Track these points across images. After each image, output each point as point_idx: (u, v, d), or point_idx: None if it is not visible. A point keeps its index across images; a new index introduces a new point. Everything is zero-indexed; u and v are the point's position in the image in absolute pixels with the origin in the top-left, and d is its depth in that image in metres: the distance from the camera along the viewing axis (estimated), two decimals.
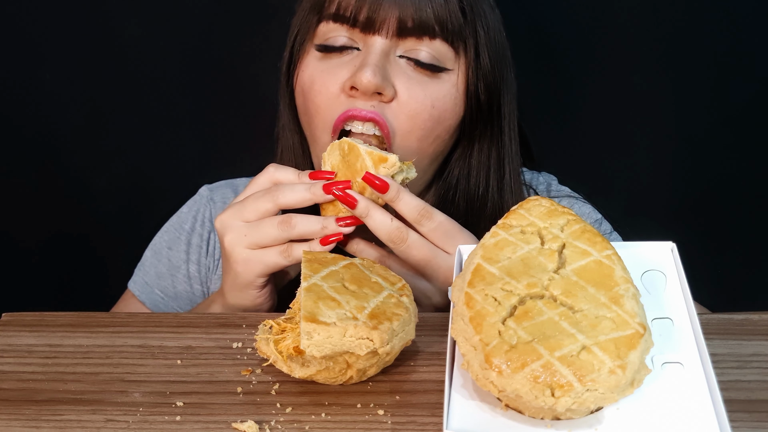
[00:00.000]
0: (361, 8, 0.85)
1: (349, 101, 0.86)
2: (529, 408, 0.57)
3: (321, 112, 0.88)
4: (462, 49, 0.89)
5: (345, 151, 0.81)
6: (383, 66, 0.85)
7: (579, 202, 1.05)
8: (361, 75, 0.83)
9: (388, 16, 0.85)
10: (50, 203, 1.34)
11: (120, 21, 1.25)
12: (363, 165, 0.79)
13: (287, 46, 0.95)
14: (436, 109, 0.88)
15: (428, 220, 0.79)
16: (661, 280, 0.67)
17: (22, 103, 1.29)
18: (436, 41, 0.87)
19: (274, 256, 0.79)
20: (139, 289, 1.06)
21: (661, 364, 0.60)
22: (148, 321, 0.76)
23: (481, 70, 0.90)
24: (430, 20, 0.85)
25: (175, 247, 1.06)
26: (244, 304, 0.84)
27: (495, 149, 0.95)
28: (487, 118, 0.93)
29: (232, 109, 1.29)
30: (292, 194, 0.79)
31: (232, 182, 1.11)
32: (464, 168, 0.95)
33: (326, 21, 0.88)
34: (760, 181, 1.29)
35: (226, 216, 0.81)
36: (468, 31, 0.89)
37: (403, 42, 0.86)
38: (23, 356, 0.71)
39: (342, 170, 0.81)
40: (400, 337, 0.65)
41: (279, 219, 0.79)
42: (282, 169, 0.83)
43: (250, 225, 0.80)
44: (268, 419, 0.62)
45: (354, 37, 0.87)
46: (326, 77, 0.88)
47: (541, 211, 0.66)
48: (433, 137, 0.89)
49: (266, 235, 0.79)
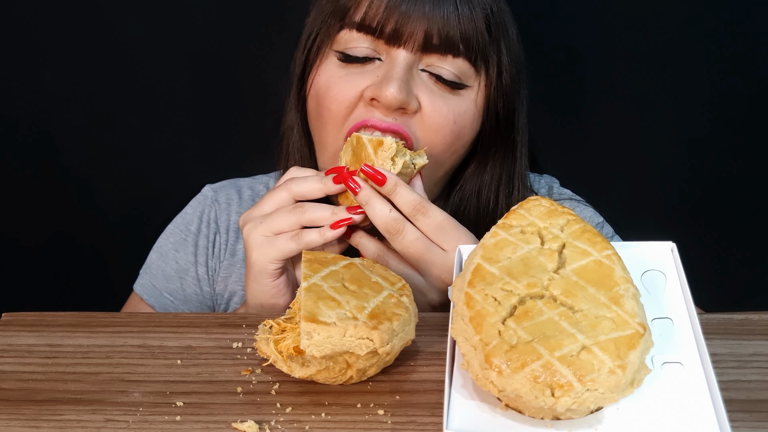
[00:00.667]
0: (388, 20, 0.84)
1: (367, 110, 0.86)
2: (529, 408, 0.57)
3: (334, 119, 0.88)
4: (483, 67, 0.89)
5: (354, 144, 0.83)
6: (407, 81, 0.85)
7: (581, 205, 1.05)
8: (386, 89, 0.83)
9: (416, 30, 0.84)
10: (51, 203, 1.34)
11: (121, 21, 1.25)
12: (366, 154, 0.81)
13: (301, 47, 0.94)
14: (457, 125, 0.88)
15: (423, 216, 0.79)
16: (661, 280, 0.67)
17: (23, 104, 1.29)
18: (459, 59, 0.86)
19: (286, 240, 0.81)
20: (147, 292, 1.05)
21: (661, 364, 0.60)
22: (148, 321, 0.76)
23: (502, 87, 0.91)
24: (456, 38, 0.85)
25: (182, 250, 1.05)
26: (261, 297, 0.84)
27: (507, 165, 0.96)
28: (503, 134, 0.94)
29: (233, 108, 1.29)
30: (305, 184, 0.82)
31: (236, 182, 1.10)
32: (476, 183, 0.96)
33: (349, 29, 0.87)
34: (760, 181, 1.29)
35: (247, 211, 0.84)
36: (492, 50, 0.89)
37: (426, 57, 0.86)
38: (23, 356, 0.71)
39: (354, 165, 0.83)
40: (400, 337, 0.65)
41: (292, 206, 0.81)
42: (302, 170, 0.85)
43: (265, 214, 0.82)
44: (268, 419, 0.62)
45: (377, 48, 0.87)
46: (344, 84, 0.87)
47: (541, 211, 0.66)
48: (451, 151, 0.90)
49: (279, 220, 0.81)
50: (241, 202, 1.07)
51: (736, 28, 1.22)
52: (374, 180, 0.79)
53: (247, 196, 1.08)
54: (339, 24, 0.88)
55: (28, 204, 1.35)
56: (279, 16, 0.99)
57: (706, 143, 1.28)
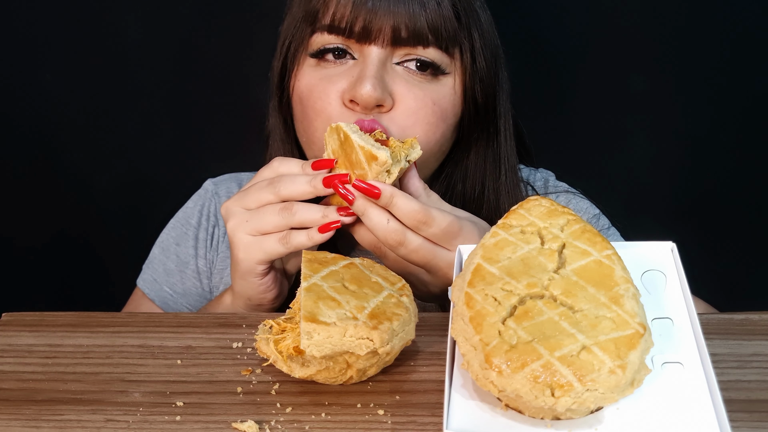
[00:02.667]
0: (356, 19, 0.85)
1: (350, 114, 0.86)
2: (529, 408, 0.57)
3: (321, 115, 0.87)
4: (458, 53, 0.89)
5: (341, 138, 0.80)
6: (381, 77, 0.85)
7: (577, 197, 1.06)
8: (361, 89, 0.83)
9: (384, 25, 0.84)
10: (51, 203, 1.34)
11: (120, 21, 1.25)
12: (357, 159, 0.78)
13: (278, 55, 0.94)
14: (438, 106, 0.88)
15: (427, 226, 0.77)
16: (661, 280, 0.67)
17: (23, 103, 1.29)
18: (429, 49, 0.87)
19: (273, 243, 0.80)
20: (148, 286, 1.06)
21: (661, 364, 0.60)
22: (148, 321, 0.76)
23: (478, 72, 0.91)
24: (424, 29, 0.85)
25: (183, 243, 1.06)
26: (248, 292, 0.84)
27: (491, 150, 0.96)
28: (483, 119, 0.94)
29: (232, 106, 1.29)
30: (293, 186, 0.80)
31: (237, 176, 1.11)
32: (461, 170, 0.96)
33: (320, 32, 0.88)
34: (760, 181, 1.29)
35: (230, 203, 0.82)
36: (463, 36, 0.89)
37: (398, 50, 0.86)
38: (23, 356, 0.71)
39: (341, 157, 0.81)
40: (400, 337, 0.65)
41: (280, 206, 0.79)
42: (286, 161, 0.83)
43: (252, 212, 0.80)
44: (268, 419, 0.62)
45: (350, 47, 0.87)
46: (325, 85, 0.87)
47: (541, 211, 0.66)
48: (439, 134, 0.89)
49: (267, 221, 0.79)
50: None
51: (737, 28, 1.22)
52: (369, 195, 0.77)
53: None
54: (310, 29, 0.89)
55: (27, 204, 1.35)
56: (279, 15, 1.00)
57: (707, 143, 1.28)
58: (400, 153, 0.79)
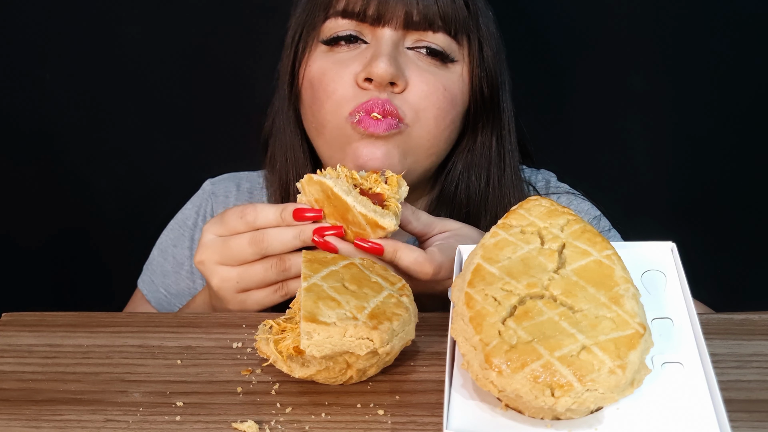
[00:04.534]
0: (370, 3, 0.87)
1: (363, 93, 0.87)
2: (529, 408, 0.57)
3: (332, 97, 0.88)
4: (466, 42, 0.92)
5: (329, 194, 0.77)
6: (395, 56, 0.87)
7: (578, 198, 1.06)
8: (376, 65, 0.85)
9: (396, 9, 0.87)
10: (51, 203, 1.34)
11: (120, 21, 1.25)
12: (355, 220, 0.77)
13: (288, 47, 0.95)
14: (448, 92, 0.90)
15: (433, 265, 0.78)
16: (661, 280, 0.67)
17: (23, 103, 1.29)
18: (439, 34, 0.89)
19: (269, 294, 0.80)
20: (147, 287, 1.07)
21: (661, 364, 0.60)
22: (148, 321, 0.76)
23: (484, 62, 0.93)
24: (435, 13, 0.88)
25: (179, 245, 1.07)
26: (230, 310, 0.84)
27: (496, 143, 0.97)
28: (489, 111, 0.96)
29: (232, 106, 1.29)
30: (280, 244, 0.78)
31: (236, 175, 1.12)
32: (467, 161, 0.97)
33: (334, 18, 0.90)
34: (760, 181, 1.29)
35: (207, 257, 0.80)
36: (472, 25, 0.92)
37: (410, 34, 0.89)
38: (23, 356, 0.71)
39: (327, 208, 0.78)
40: (400, 337, 0.65)
41: (271, 262, 0.79)
42: (262, 209, 0.79)
43: (239, 271, 0.79)
44: (268, 419, 0.62)
45: (362, 32, 0.89)
46: (338, 68, 0.89)
47: (541, 211, 0.66)
48: (449, 120, 0.91)
49: (259, 280, 0.79)
50: (238, 194, 1.09)
51: (737, 28, 1.22)
52: (372, 253, 0.78)
53: (245, 188, 1.09)
54: (323, 15, 0.91)
55: (28, 204, 1.35)
56: (280, 15, 1.00)
57: (707, 143, 1.28)
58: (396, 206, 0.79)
